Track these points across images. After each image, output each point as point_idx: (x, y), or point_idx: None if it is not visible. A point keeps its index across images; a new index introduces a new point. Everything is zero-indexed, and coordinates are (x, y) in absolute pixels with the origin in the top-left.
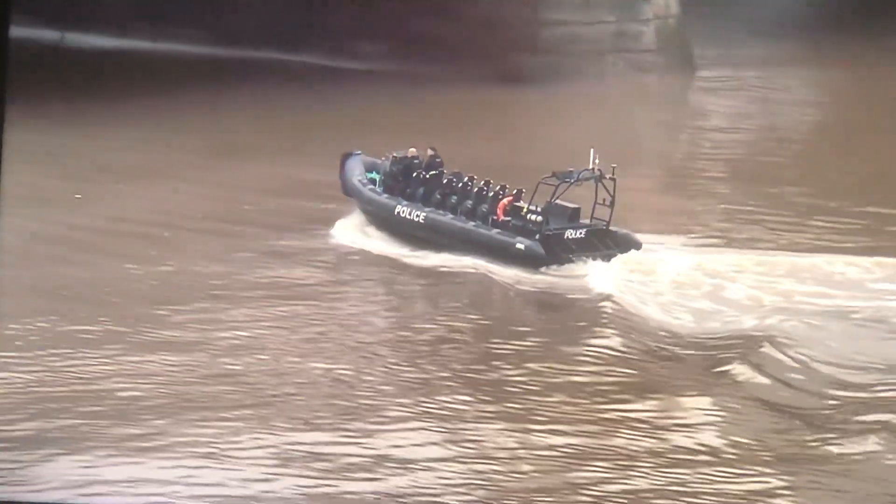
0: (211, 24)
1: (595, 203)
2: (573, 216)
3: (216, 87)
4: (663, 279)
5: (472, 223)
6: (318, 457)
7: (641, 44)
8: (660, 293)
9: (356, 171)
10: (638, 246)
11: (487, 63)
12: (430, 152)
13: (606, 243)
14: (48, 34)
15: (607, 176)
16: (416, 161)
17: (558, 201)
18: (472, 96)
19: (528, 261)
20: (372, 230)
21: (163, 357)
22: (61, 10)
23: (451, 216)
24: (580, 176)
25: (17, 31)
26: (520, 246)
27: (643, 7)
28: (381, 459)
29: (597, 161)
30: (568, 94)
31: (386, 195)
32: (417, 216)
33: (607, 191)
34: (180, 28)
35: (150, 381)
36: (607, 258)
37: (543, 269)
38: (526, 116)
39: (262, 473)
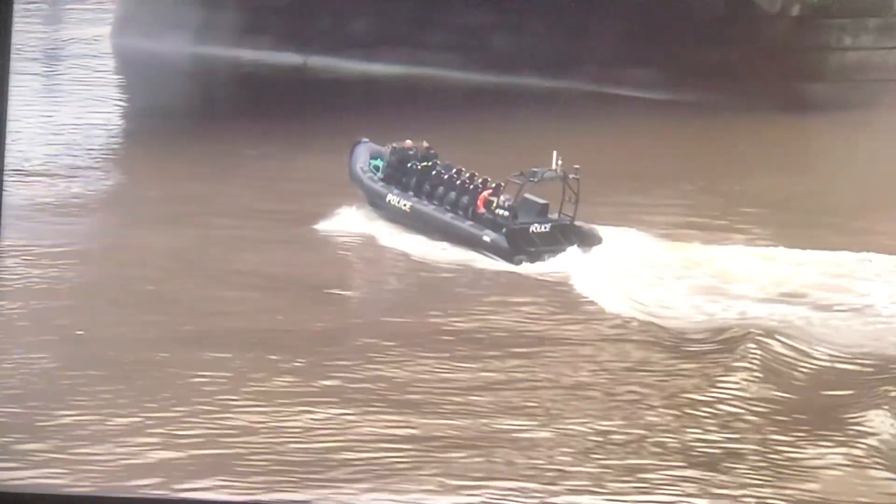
0: (465, 48)
1: (563, 200)
2: (542, 211)
3: (469, 112)
4: None
5: (450, 215)
6: None
7: None
8: None
9: (361, 159)
10: (600, 241)
11: (768, 91)
12: (424, 144)
13: (570, 238)
14: (293, 57)
15: (570, 176)
16: (410, 152)
17: (529, 196)
18: (751, 125)
19: (495, 252)
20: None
21: None
22: (306, 34)
23: (433, 206)
24: (544, 175)
25: (262, 55)
26: (486, 238)
27: None
28: None
29: (559, 162)
30: (856, 124)
31: (382, 183)
32: (404, 205)
33: (571, 189)
34: (433, 53)
35: None
36: (571, 252)
37: (516, 262)
38: (815, 148)
39: None
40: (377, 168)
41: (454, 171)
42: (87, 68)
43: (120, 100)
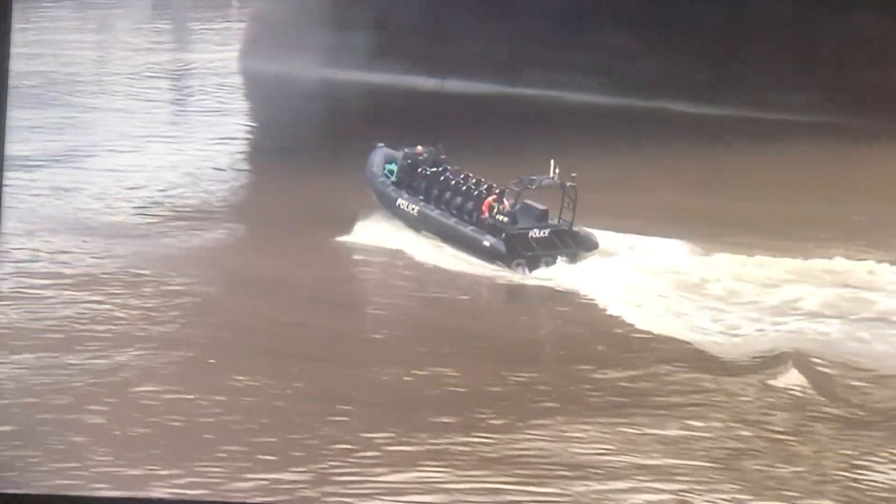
0: (610, 71)
1: (562, 206)
2: (541, 217)
3: (614, 137)
4: None
5: (454, 219)
6: None
7: None
8: None
9: (376, 163)
10: (596, 245)
11: None
12: (435, 151)
13: (567, 242)
14: (428, 80)
15: (568, 183)
16: (421, 158)
17: (529, 202)
18: None
19: (494, 256)
20: None
21: None
22: (442, 56)
23: (438, 211)
24: (541, 183)
25: (396, 78)
26: (486, 243)
27: None
28: None
29: (557, 171)
30: None
31: (393, 187)
32: (412, 209)
33: (568, 196)
34: (575, 76)
35: None
36: (570, 256)
37: (515, 266)
38: None
39: None
40: (391, 172)
41: (461, 176)
42: (214, 91)
43: (248, 123)
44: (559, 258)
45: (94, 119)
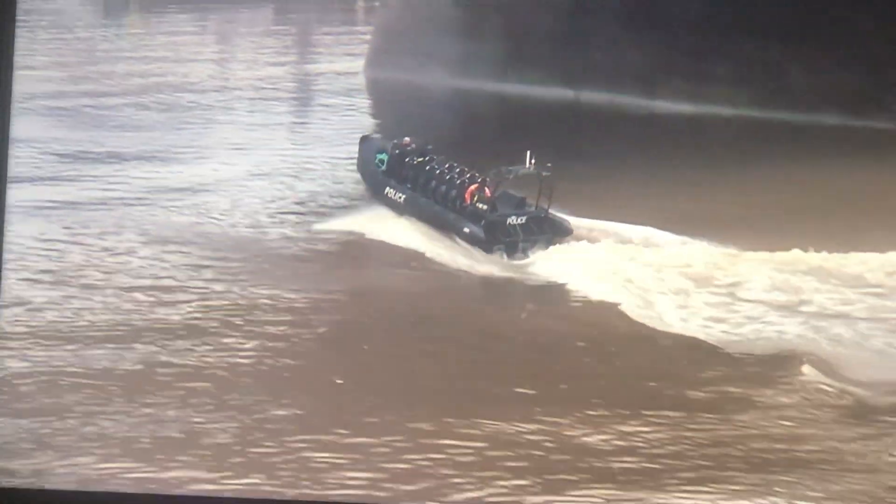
0: (755, 83)
1: (539, 194)
2: (519, 204)
3: (759, 154)
4: None
5: (439, 207)
6: None
7: None
8: None
9: (367, 153)
10: (570, 232)
11: None
12: (423, 142)
13: (543, 228)
14: (563, 91)
15: (543, 173)
16: (409, 149)
17: (508, 191)
18: None
19: (474, 242)
20: None
21: None
22: (578, 67)
23: (424, 199)
24: (518, 172)
25: (529, 89)
26: (466, 230)
27: None
28: None
29: (533, 161)
30: None
31: (382, 176)
32: (400, 197)
33: (544, 185)
34: (718, 88)
35: None
36: (545, 242)
37: (494, 251)
38: None
39: None
40: (382, 162)
41: (446, 166)
42: (338, 102)
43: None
44: (537, 244)
45: (212, 130)
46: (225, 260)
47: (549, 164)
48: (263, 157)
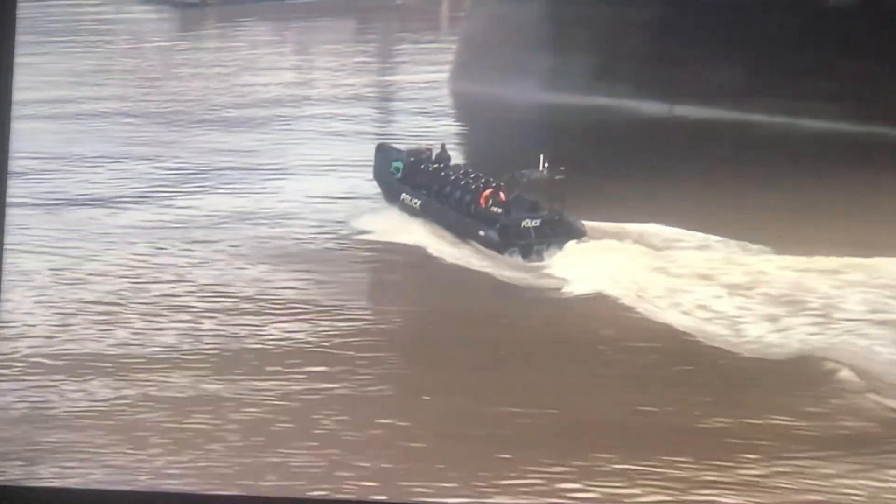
0: (856, 99)
1: (553, 197)
2: (533, 207)
3: (864, 175)
4: None
5: (454, 212)
6: None
7: None
8: None
9: (382, 160)
10: (583, 233)
11: None
12: (440, 148)
13: (557, 230)
14: (656, 106)
15: (556, 177)
16: (424, 156)
17: (521, 194)
18: None
19: (489, 246)
20: None
21: None
22: (671, 81)
23: (439, 204)
24: (531, 176)
25: (620, 103)
26: (482, 233)
27: None
28: None
29: (546, 165)
30: None
31: (398, 182)
32: (415, 203)
33: (557, 188)
34: (816, 103)
35: None
36: (559, 244)
37: (507, 254)
38: None
39: None
40: (398, 170)
41: (461, 172)
42: (421, 115)
43: (457, 148)
44: (551, 245)
45: (290, 141)
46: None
47: (561, 168)
48: (345, 174)
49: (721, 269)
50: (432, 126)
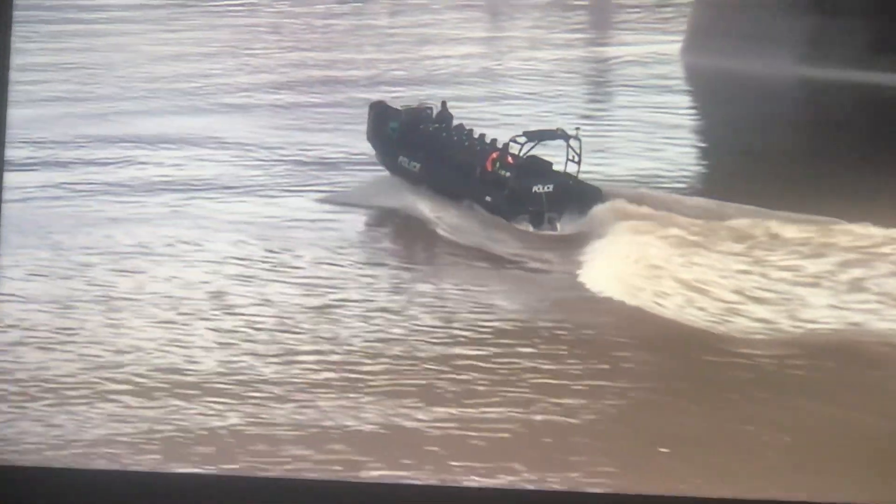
0: None
1: (567, 160)
2: (546, 171)
3: None
4: None
5: (457, 175)
6: None
7: None
8: None
9: (377, 120)
10: (603, 199)
11: None
12: (440, 107)
13: (573, 196)
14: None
15: (571, 137)
16: (423, 113)
17: (533, 155)
18: None
19: (496, 212)
20: None
21: None
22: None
23: (441, 167)
24: (544, 137)
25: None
26: (488, 198)
27: None
28: None
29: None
30: None
31: (395, 144)
32: (414, 166)
33: (573, 150)
34: None
35: None
36: (575, 211)
37: (516, 221)
38: None
39: None
40: (393, 130)
41: (465, 132)
42: (645, 93)
43: (691, 132)
44: (564, 214)
45: (483, 123)
46: None
47: (577, 127)
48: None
49: None
50: (660, 109)
